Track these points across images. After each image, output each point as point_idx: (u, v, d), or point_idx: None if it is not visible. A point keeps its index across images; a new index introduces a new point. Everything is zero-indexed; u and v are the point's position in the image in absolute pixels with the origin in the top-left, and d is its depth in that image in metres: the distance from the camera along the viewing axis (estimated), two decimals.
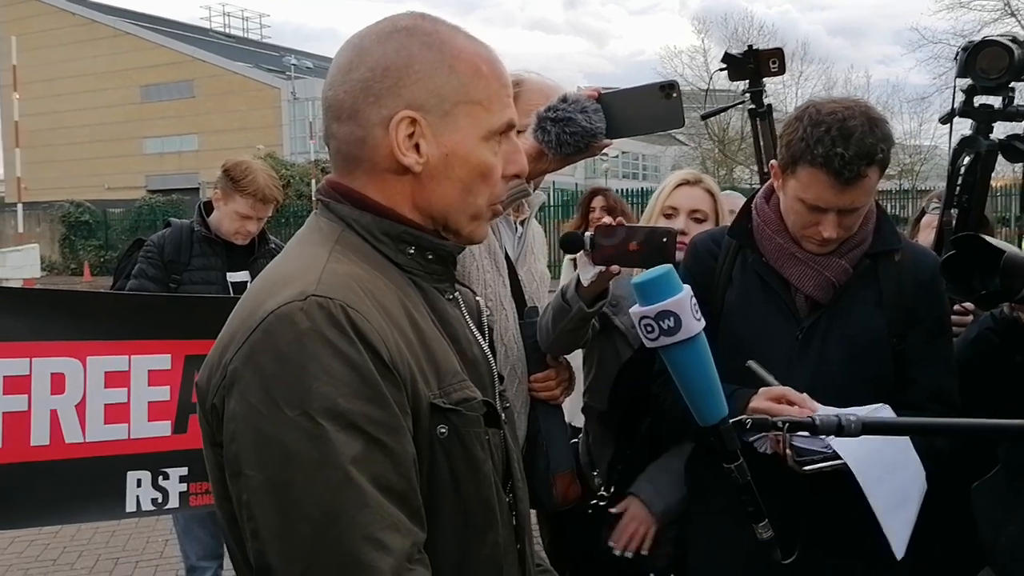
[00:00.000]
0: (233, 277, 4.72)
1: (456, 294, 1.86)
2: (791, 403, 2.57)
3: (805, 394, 2.59)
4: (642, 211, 4.00)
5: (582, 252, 2.83)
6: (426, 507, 1.57)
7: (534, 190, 3.11)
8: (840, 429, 1.95)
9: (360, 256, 1.67)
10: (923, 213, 4.37)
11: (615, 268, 2.80)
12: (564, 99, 2.59)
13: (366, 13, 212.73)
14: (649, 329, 1.90)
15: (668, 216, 3.56)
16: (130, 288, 4.61)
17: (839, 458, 2.44)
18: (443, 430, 1.61)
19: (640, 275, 1.95)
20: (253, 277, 4.76)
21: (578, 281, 2.90)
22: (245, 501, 1.48)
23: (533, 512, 2.87)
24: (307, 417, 1.43)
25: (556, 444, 3.17)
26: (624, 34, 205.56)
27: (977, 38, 3.18)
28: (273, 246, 4.99)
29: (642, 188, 34.90)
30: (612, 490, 3.30)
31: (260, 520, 1.45)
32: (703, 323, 1.91)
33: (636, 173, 70.89)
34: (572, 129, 2.55)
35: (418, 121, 1.65)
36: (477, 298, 1.97)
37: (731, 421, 1.96)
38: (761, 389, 2.65)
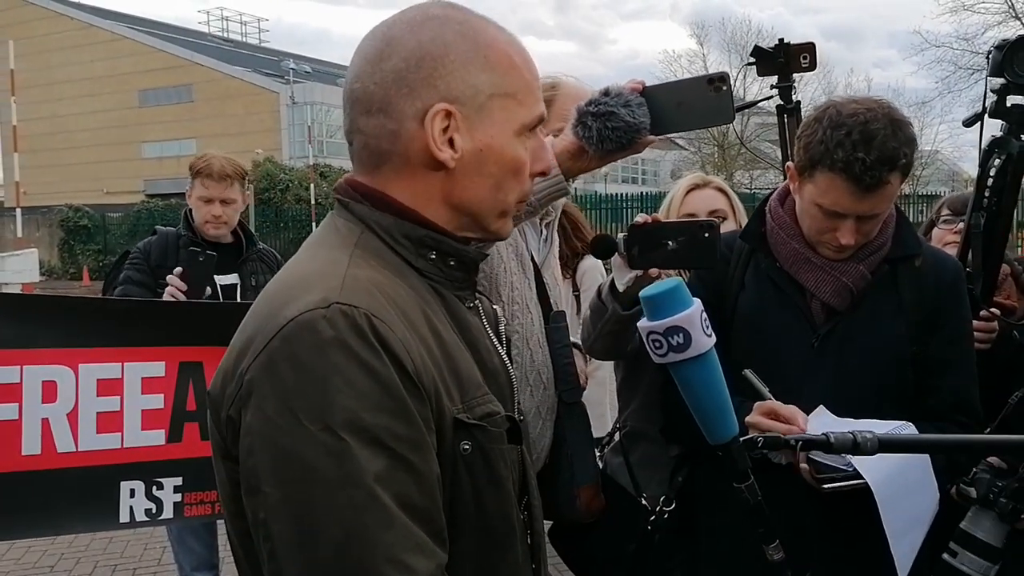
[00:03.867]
0: (222, 280, 4.68)
1: (476, 302, 1.79)
2: (781, 418, 2.50)
3: (800, 412, 2.51)
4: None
5: (616, 255, 2.72)
6: (448, 526, 1.50)
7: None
8: (855, 447, 1.87)
9: (380, 260, 1.60)
10: (932, 224, 4.28)
11: (654, 271, 2.70)
12: (606, 92, 2.45)
13: (356, 17, 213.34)
14: (657, 345, 1.81)
15: None
16: (116, 295, 4.57)
17: (860, 477, 2.36)
18: (467, 446, 1.54)
19: (648, 288, 1.86)
20: (242, 280, 4.77)
21: (612, 284, 2.81)
22: (262, 520, 1.41)
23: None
24: (329, 431, 1.37)
25: (581, 455, 3.09)
26: (616, 38, 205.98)
27: (987, 39, 3.11)
28: (262, 248, 4.99)
29: (642, 192, 34.96)
30: (674, 505, 3.20)
31: (278, 540, 1.39)
32: (714, 339, 1.81)
33: (636, 177, 70.93)
34: (615, 124, 2.40)
35: (453, 114, 1.58)
36: (495, 306, 1.90)
37: (742, 440, 1.87)
38: (755, 404, 2.58)
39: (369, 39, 1.65)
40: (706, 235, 2.59)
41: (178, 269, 4.32)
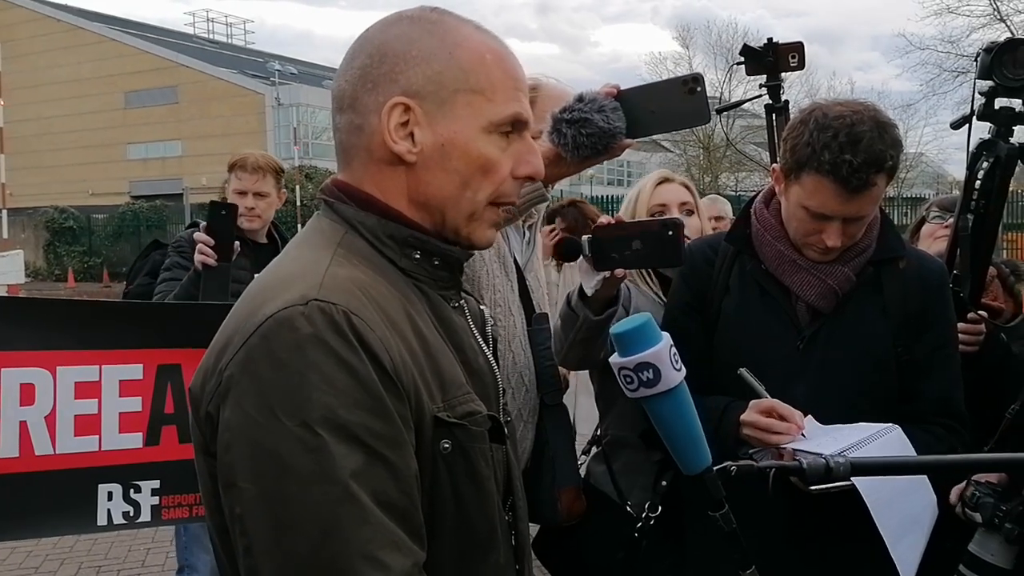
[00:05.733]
0: None
1: (462, 302, 1.78)
2: (780, 416, 2.50)
3: (797, 411, 2.52)
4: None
5: (582, 258, 2.71)
6: (426, 524, 1.50)
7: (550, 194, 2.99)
8: (828, 472, 1.88)
9: (363, 260, 1.60)
10: (922, 221, 4.27)
11: (620, 272, 2.69)
12: (580, 98, 2.45)
13: (338, 18, 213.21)
14: (628, 380, 1.83)
15: (658, 215, 3.45)
16: (162, 280, 4.57)
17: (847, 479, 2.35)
18: (447, 445, 1.54)
19: (617, 324, 1.88)
20: None
21: (582, 291, 2.80)
22: (238, 515, 1.41)
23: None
24: (306, 428, 1.37)
25: (563, 458, 3.08)
26: (599, 40, 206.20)
27: (972, 41, 3.10)
28: None
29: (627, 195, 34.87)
30: (659, 511, 3.16)
31: (254, 535, 1.40)
32: (683, 372, 1.84)
33: (621, 179, 70.94)
34: (589, 130, 2.41)
35: (412, 108, 1.59)
36: (482, 307, 1.90)
37: (715, 469, 1.88)
38: (751, 402, 2.59)
39: (354, 41, 1.69)
40: (670, 233, 2.60)
41: (203, 224, 4.32)
